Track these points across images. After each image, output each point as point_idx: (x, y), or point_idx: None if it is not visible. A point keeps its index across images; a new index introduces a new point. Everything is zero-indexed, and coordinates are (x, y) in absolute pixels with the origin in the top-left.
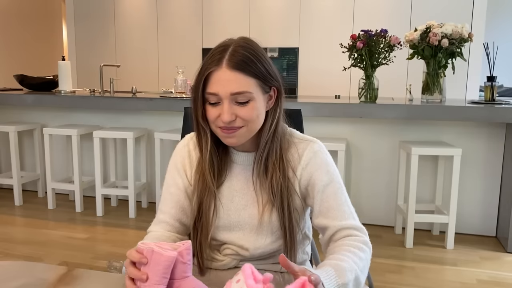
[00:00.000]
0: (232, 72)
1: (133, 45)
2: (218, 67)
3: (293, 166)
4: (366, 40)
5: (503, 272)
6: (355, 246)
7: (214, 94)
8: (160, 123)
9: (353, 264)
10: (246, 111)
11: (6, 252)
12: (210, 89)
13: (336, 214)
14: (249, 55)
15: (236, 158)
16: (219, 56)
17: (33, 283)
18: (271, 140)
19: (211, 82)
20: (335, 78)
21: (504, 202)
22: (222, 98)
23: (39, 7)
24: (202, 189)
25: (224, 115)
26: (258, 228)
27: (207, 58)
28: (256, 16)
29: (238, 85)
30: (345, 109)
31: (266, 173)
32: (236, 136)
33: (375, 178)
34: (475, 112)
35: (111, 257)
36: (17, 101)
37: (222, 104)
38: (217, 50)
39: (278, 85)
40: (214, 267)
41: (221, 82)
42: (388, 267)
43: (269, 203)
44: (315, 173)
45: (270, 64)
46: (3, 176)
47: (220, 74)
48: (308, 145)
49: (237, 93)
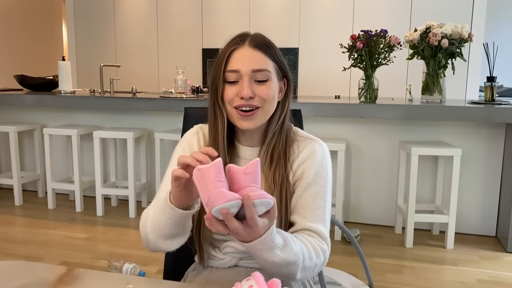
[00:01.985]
0: (254, 50)
1: (133, 45)
2: (241, 46)
3: (292, 161)
4: (366, 40)
5: (503, 272)
6: (310, 242)
7: (235, 71)
8: (160, 123)
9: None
10: (264, 89)
11: (6, 252)
12: (231, 66)
13: (308, 214)
14: (268, 41)
15: (242, 152)
16: (241, 37)
17: (33, 283)
18: (278, 132)
19: (232, 60)
20: (335, 78)
21: (504, 202)
22: (242, 75)
23: (39, 7)
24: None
25: (244, 90)
26: None
27: (228, 42)
28: (256, 16)
29: (259, 63)
30: (345, 109)
31: (270, 165)
32: (253, 118)
33: (375, 178)
34: (475, 112)
35: (111, 257)
36: (17, 101)
37: (242, 81)
38: (238, 35)
39: (288, 76)
40: (215, 266)
41: (243, 59)
42: (388, 267)
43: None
44: (306, 170)
45: (283, 57)
46: (3, 176)
47: (242, 51)
48: (309, 143)
49: (258, 70)
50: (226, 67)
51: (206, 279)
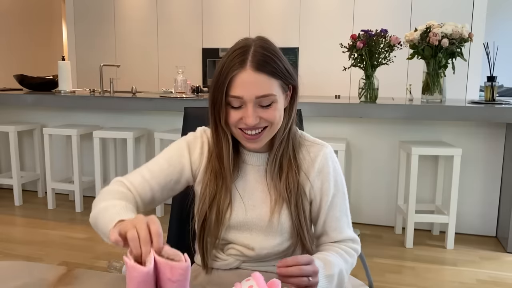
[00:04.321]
0: (257, 74)
1: (133, 45)
2: (242, 69)
3: (306, 169)
4: (366, 40)
5: (503, 272)
6: (344, 250)
7: (238, 97)
8: (160, 123)
9: (338, 261)
10: (270, 113)
11: (6, 252)
12: (234, 92)
13: (337, 225)
14: (271, 55)
15: (248, 158)
16: (242, 57)
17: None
18: (286, 138)
19: (234, 85)
20: (335, 78)
21: (504, 202)
22: (246, 102)
23: (39, 7)
24: (216, 188)
25: (249, 118)
26: (266, 229)
27: (227, 60)
28: (256, 16)
29: (262, 88)
30: (345, 109)
31: (279, 173)
32: (260, 140)
33: (375, 178)
34: (475, 112)
35: (111, 257)
36: (17, 101)
37: (246, 107)
38: (238, 51)
39: (295, 83)
40: (216, 267)
41: (245, 85)
42: (388, 267)
43: (280, 203)
44: (326, 183)
45: (287, 63)
46: (3, 176)
47: (245, 76)
48: (321, 150)
49: (262, 96)
50: (228, 92)
51: (207, 280)
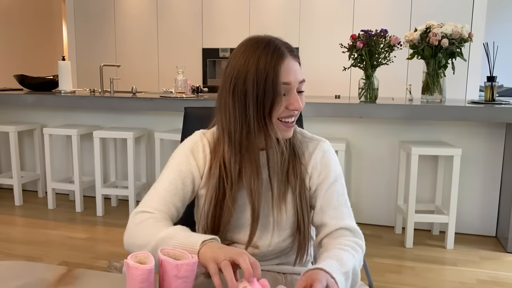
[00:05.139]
0: (295, 60)
1: (133, 45)
2: (285, 57)
3: (305, 162)
4: (366, 40)
5: (503, 272)
6: (349, 245)
7: (288, 83)
8: (160, 123)
9: (350, 256)
10: (303, 99)
11: (6, 252)
12: (285, 79)
13: (336, 214)
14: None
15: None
16: (277, 48)
17: (33, 283)
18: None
19: (282, 72)
20: (335, 78)
21: (504, 202)
22: (292, 88)
23: (39, 7)
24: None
25: (297, 103)
26: (270, 225)
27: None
28: (256, 16)
29: (301, 73)
30: (345, 109)
31: (282, 168)
32: (292, 128)
33: (375, 178)
34: (475, 112)
35: (111, 257)
36: (17, 101)
37: (291, 93)
38: (270, 44)
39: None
40: None
41: (291, 71)
42: (388, 267)
43: (284, 197)
44: (323, 172)
45: None
46: (3, 176)
47: (289, 63)
48: (318, 144)
49: (302, 81)
50: (278, 80)
51: (208, 280)
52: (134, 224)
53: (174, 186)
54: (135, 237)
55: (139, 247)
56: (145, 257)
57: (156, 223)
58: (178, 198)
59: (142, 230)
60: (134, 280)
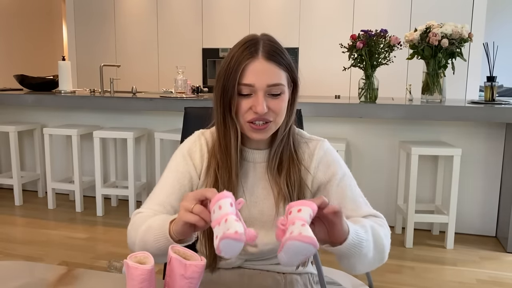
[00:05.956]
0: (268, 63)
1: (133, 45)
2: (254, 58)
3: (306, 163)
4: (366, 40)
5: (503, 272)
6: (373, 221)
7: (249, 85)
8: (160, 123)
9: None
10: (278, 103)
11: (6, 252)
12: (245, 80)
13: (354, 205)
14: (279, 48)
15: (247, 155)
16: (253, 48)
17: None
18: (287, 135)
19: (246, 73)
20: (335, 78)
21: (504, 202)
22: (257, 90)
23: (39, 7)
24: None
25: (259, 106)
26: (268, 224)
27: (238, 51)
28: (256, 16)
29: (273, 77)
30: (345, 109)
31: (279, 169)
32: (265, 131)
33: (375, 178)
34: (475, 112)
35: (111, 257)
36: (17, 101)
37: (256, 96)
38: (249, 43)
39: (297, 80)
40: (218, 266)
41: (257, 73)
42: (388, 267)
43: (282, 198)
44: (329, 169)
45: (291, 59)
46: (3, 176)
47: (257, 65)
48: (318, 143)
49: (273, 85)
50: (240, 80)
51: (209, 279)
52: (129, 225)
53: (170, 186)
54: (129, 237)
55: (131, 245)
56: (145, 257)
57: (145, 218)
58: (174, 197)
59: (133, 229)
60: (134, 280)
